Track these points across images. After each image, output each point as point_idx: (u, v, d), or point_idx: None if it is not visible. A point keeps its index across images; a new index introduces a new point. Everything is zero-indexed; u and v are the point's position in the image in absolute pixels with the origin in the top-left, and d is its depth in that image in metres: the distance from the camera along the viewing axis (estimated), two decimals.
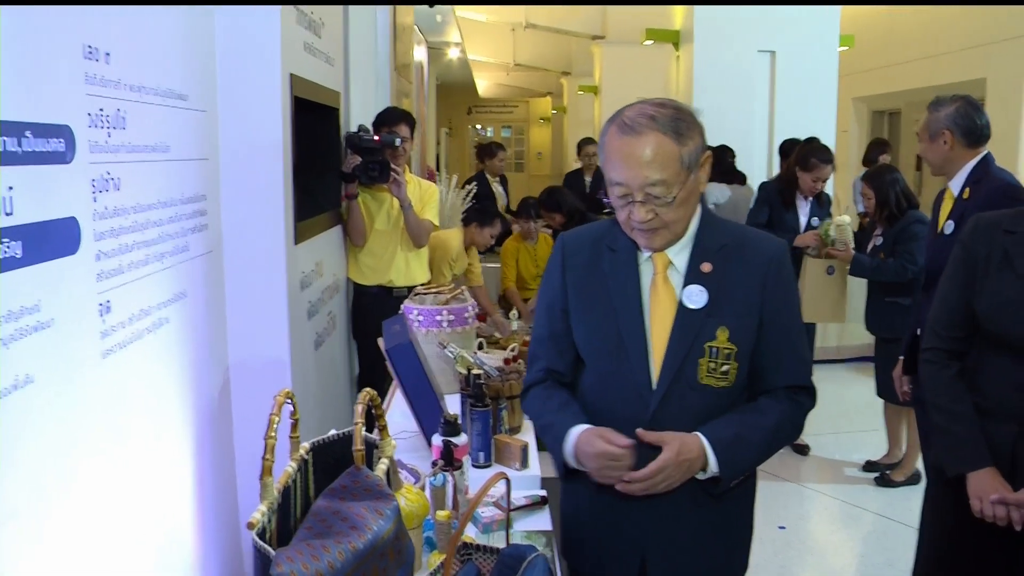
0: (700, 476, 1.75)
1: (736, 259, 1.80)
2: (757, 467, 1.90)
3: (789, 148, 5.93)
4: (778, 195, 5.20)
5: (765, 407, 1.81)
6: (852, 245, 4.89)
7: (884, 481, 4.78)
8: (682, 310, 1.77)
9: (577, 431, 1.76)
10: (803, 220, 5.20)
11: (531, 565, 1.51)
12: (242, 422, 2.56)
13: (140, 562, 1.86)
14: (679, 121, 1.70)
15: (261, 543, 1.15)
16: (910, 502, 4.46)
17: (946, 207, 3.30)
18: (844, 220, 4.96)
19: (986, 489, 2.00)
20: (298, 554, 1.07)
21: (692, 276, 1.79)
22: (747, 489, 1.91)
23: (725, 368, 1.76)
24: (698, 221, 1.83)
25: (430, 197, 4.30)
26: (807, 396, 1.86)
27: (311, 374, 3.07)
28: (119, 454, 1.77)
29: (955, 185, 3.27)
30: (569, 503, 1.96)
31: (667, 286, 1.80)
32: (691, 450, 1.71)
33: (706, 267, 1.79)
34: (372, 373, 4.03)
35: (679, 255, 1.81)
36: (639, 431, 1.72)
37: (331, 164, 3.74)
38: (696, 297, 1.77)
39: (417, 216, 4.12)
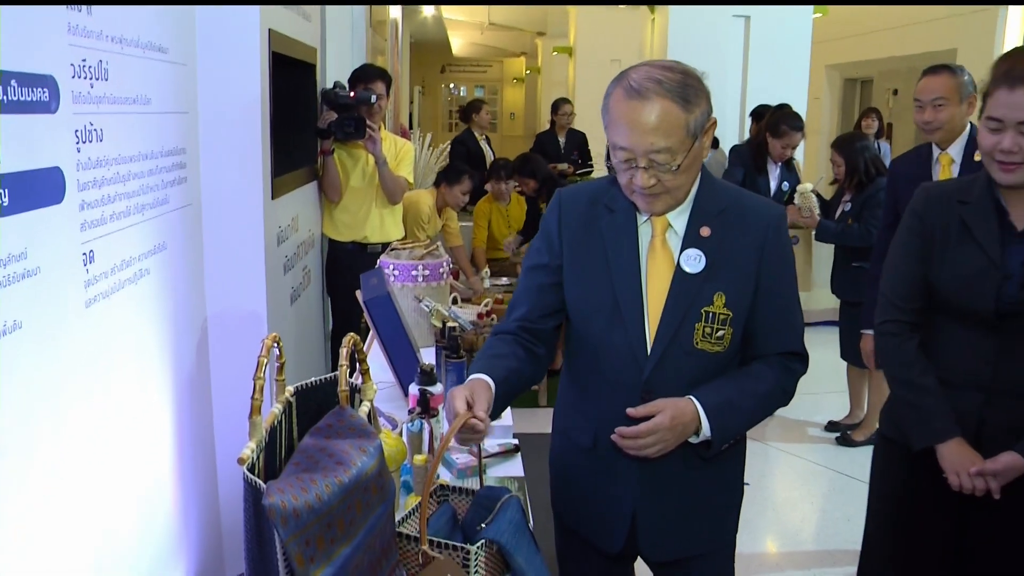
0: (692, 440, 1.75)
1: (735, 224, 1.78)
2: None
3: (762, 113, 6.01)
4: (751, 159, 5.27)
5: (759, 373, 1.82)
6: (817, 212, 4.97)
7: (845, 441, 4.91)
8: (679, 274, 1.76)
9: (469, 379, 1.72)
10: (774, 185, 5.29)
11: (505, 505, 1.57)
12: (220, 373, 2.60)
13: (123, 503, 1.91)
14: (687, 87, 1.67)
15: (252, 476, 1.21)
16: (869, 460, 4.60)
17: (945, 174, 3.28)
18: (807, 187, 5.03)
19: (963, 462, 2.03)
20: (288, 486, 1.13)
21: (691, 240, 1.77)
22: (737, 452, 1.93)
23: (720, 333, 1.76)
24: (698, 184, 1.81)
25: (405, 155, 4.33)
26: (800, 362, 1.87)
27: (287, 327, 3.11)
28: (104, 400, 1.82)
29: (955, 151, 3.27)
30: (560, 458, 1.98)
31: (665, 249, 1.78)
32: (685, 414, 1.71)
33: (705, 231, 1.77)
34: (346, 328, 4.08)
35: (678, 218, 1.79)
36: (629, 411, 1.72)
37: (307, 120, 3.76)
38: (694, 261, 1.76)
39: (392, 173, 4.15)
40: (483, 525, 1.54)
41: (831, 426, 5.11)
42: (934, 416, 2.09)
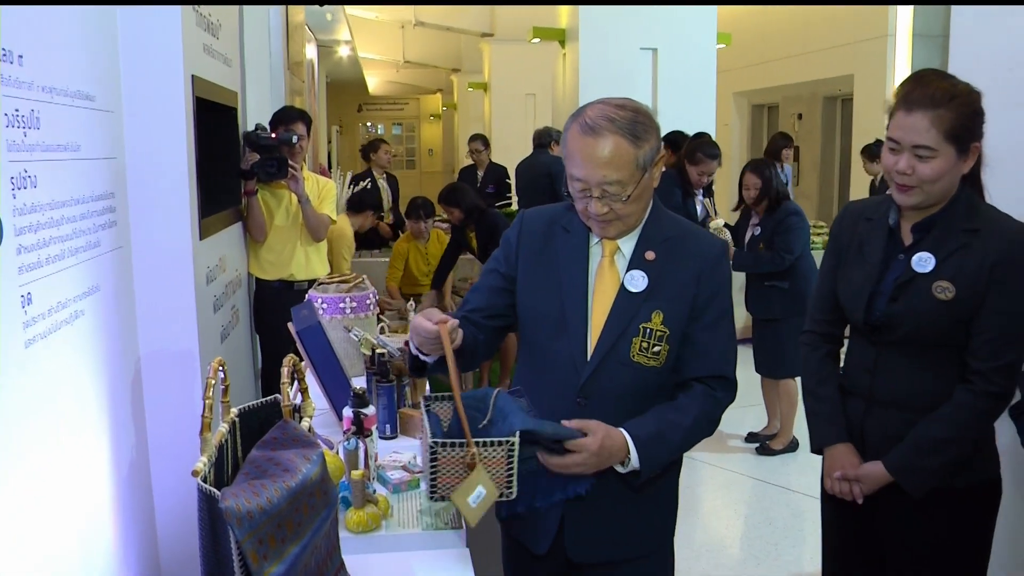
0: (620, 469, 1.87)
1: (678, 251, 1.94)
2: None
3: (675, 139, 6.23)
4: (679, 186, 5.48)
5: (684, 406, 1.92)
6: (732, 246, 5.15)
7: (764, 450, 5.12)
8: (623, 292, 1.91)
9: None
10: (700, 209, 5.52)
11: (499, 400, 1.70)
12: (154, 410, 2.65)
13: (61, 548, 1.94)
14: (637, 124, 1.83)
15: (206, 486, 1.30)
16: (787, 467, 4.85)
17: None
18: (719, 223, 5.22)
19: (834, 466, 2.15)
20: (241, 491, 1.23)
21: (636, 262, 1.93)
22: (671, 468, 2.04)
23: (656, 349, 1.90)
24: (648, 213, 1.97)
25: (328, 193, 4.42)
26: (723, 388, 1.96)
27: None
28: (44, 437, 1.87)
29: None
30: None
31: (612, 269, 1.94)
32: (614, 443, 1.82)
33: (650, 255, 1.93)
34: (275, 365, 4.13)
35: (627, 242, 1.95)
36: (564, 421, 1.82)
37: (230, 162, 3.83)
38: (637, 281, 1.91)
39: (315, 210, 4.23)
40: (483, 425, 1.70)
41: (751, 437, 5.32)
42: (823, 421, 2.21)
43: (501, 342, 2.14)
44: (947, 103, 1.93)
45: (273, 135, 4.04)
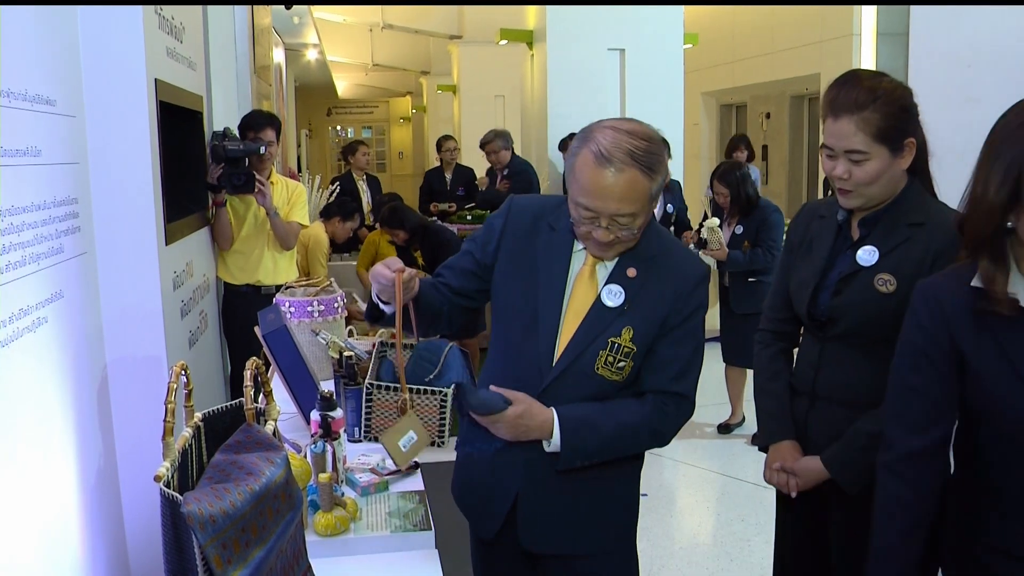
0: (546, 447, 1.89)
1: (660, 271, 1.93)
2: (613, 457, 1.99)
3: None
4: None
5: (628, 405, 1.93)
6: (725, 244, 5.20)
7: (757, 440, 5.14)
8: (598, 304, 1.91)
9: None
10: (658, 209, 5.58)
11: (451, 355, 1.73)
12: (122, 417, 2.63)
13: (29, 558, 1.92)
14: (651, 155, 1.79)
15: (168, 491, 1.29)
16: (758, 464, 4.86)
17: None
18: (714, 222, 5.26)
19: (775, 459, 2.16)
20: (204, 495, 1.23)
21: (616, 277, 1.92)
22: (631, 466, 2.05)
23: (622, 364, 1.90)
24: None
25: (298, 197, 4.40)
26: (676, 403, 1.94)
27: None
28: (5, 444, 1.85)
29: None
30: (462, 449, 2.09)
31: (592, 279, 1.93)
32: (534, 418, 1.86)
33: (631, 272, 1.92)
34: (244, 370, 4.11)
35: None
36: (492, 386, 1.87)
37: (197, 167, 3.80)
38: (614, 296, 1.90)
39: (283, 222, 4.22)
40: (432, 377, 1.71)
41: (723, 428, 5.40)
42: (770, 418, 2.22)
43: (464, 320, 2.10)
44: (871, 105, 1.93)
45: (240, 146, 4.00)
